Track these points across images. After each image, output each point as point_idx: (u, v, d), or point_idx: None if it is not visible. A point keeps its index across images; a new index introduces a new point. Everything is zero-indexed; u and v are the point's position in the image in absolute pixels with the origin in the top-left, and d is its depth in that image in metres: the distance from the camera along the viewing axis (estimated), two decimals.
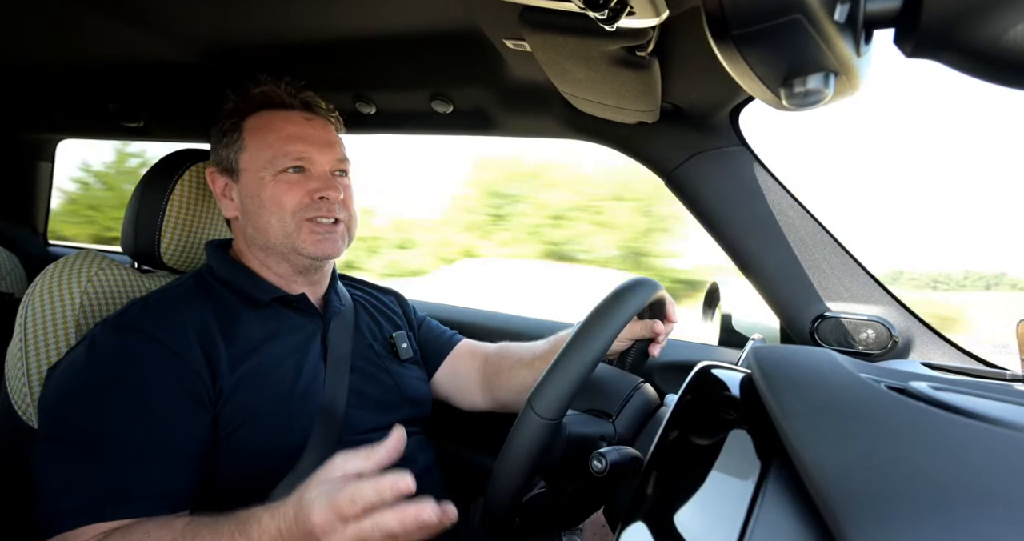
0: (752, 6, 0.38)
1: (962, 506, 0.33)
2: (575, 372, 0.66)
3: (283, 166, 0.92)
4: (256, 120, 0.95)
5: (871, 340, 1.01)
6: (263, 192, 0.92)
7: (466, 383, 1.16)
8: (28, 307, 0.93)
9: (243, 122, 0.96)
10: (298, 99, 0.98)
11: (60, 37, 1.22)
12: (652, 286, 0.80)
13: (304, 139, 0.94)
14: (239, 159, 0.95)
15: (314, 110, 0.99)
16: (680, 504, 0.46)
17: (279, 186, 0.92)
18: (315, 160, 0.94)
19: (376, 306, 1.13)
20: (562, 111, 1.12)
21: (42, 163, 2.17)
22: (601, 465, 0.66)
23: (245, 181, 0.94)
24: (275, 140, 0.93)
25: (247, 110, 0.96)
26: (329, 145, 0.97)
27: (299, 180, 0.93)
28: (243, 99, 0.97)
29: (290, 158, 0.92)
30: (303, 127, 0.95)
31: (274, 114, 0.96)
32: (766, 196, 1.04)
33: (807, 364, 0.54)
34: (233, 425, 0.81)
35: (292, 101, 0.97)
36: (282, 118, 0.95)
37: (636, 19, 0.61)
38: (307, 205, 0.92)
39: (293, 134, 0.94)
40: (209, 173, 0.99)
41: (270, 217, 0.92)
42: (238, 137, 0.95)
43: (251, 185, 0.93)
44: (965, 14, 0.35)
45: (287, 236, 0.92)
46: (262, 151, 0.93)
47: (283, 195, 0.91)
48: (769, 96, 0.45)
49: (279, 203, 0.91)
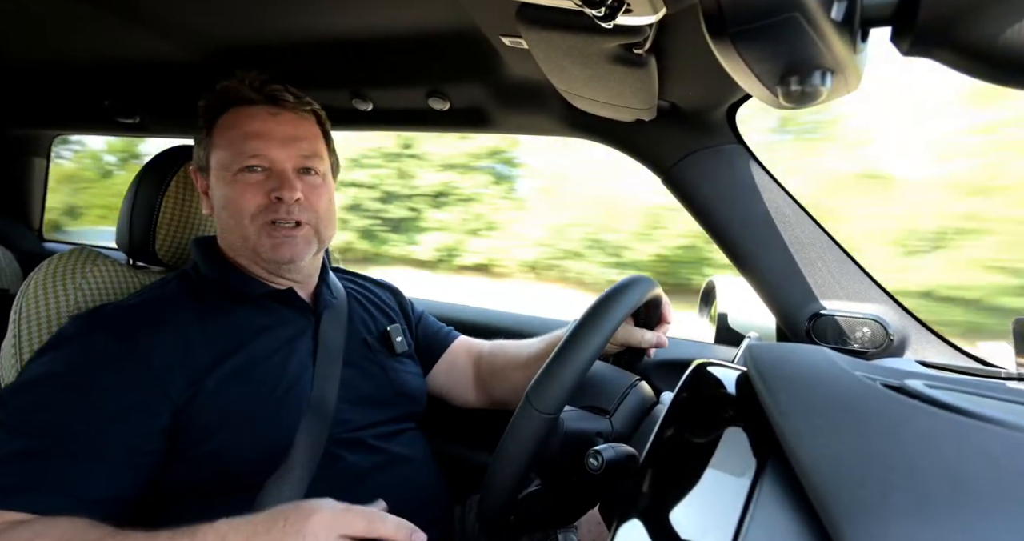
0: (749, 4, 0.38)
1: (956, 503, 0.33)
2: (573, 367, 0.66)
3: (240, 165, 0.89)
4: (225, 118, 0.93)
5: (867, 338, 1.01)
6: (225, 193, 0.90)
7: (461, 380, 1.16)
8: (22, 303, 0.92)
9: (215, 120, 0.94)
10: (263, 93, 0.93)
11: (55, 33, 1.22)
12: (648, 284, 0.80)
13: (262, 135, 0.90)
14: (210, 157, 0.93)
15: (280, 104, 0.94)
16: (676, 502, 0.46)
17: (236, 187, 0.89)
18: (273, 157, 0.90)
19: (371, 299, 1.12)
20: (559, 108, 1.12)
21: (37, 159, 2.16)
22: (597, 462, 0.66)
23: (214, 180, 0.93)
24: (235, 138, 0.90)
25: (219, 109, 0.94)
26: (292, 140, 0.91)
27: (259, 180, 0.89)
28: (213, 97, 0.94)
29: (245, 157, 0.89)
30: (266, 123, 0.91)
31: (240, 111, 0.92)
32: (763, 194, 1.04)
33: (803, 362, 0.54)
34: (214, 424, 0.79)
35: (256, 96, 0.93)
36: (247, 115, 0.92)
37: (633, 16, 0.61)
38: (266, 207, 0.88)
39: (252, 131, 0.90)
40: (191, 172, 0.99)
41: (229, 219, 0.90)
42: (209, 137, 0.93)
43: (217, 185, 0.92)
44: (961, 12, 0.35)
45: (245, 239, 0.90)
46: (224, 150, 0.91)
47: (240, 197, 0.89)
48: (766, 94, 0.45)
49: (237, 205, 0.89)
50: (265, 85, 0.94)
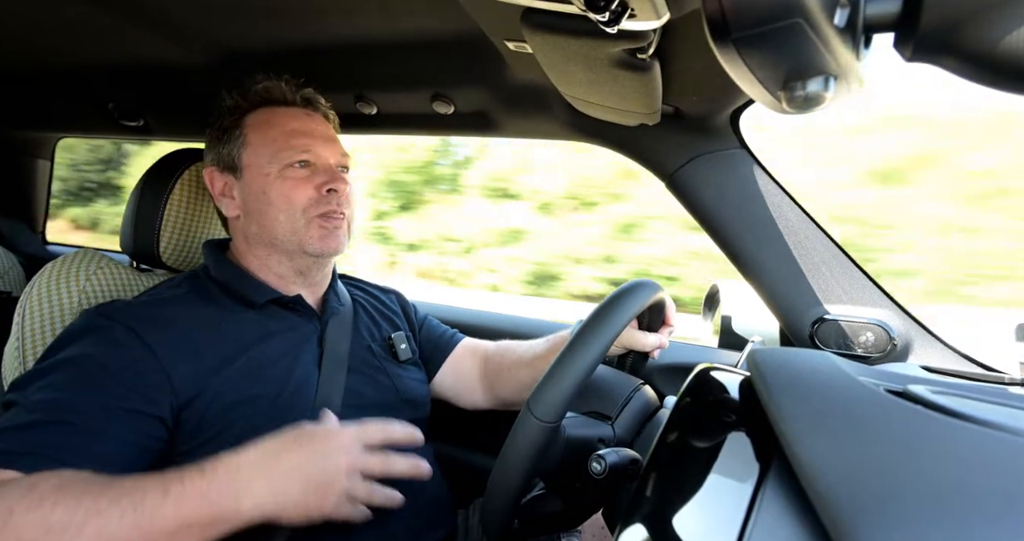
0: (752, 9, 0.38)
1: (960, 509, 0.33)
2: (574, 375, 0.65)
3: (289, 161, 0.92)
4: (258, 116, 0.95)
5: (870, 343, 1.01)
6: (270, 188, 0.92)
7: (467, 382, 1.16)
8: (26, 306, 0.93)
9: (244, 119, 0.95)
10: (299, 95, 0.98)
11: (59, 36, 1.22)
12: (652, 288, 0.79)
13: (308, 134, 0.94)
14: (241, 155, 0.94)
15: (315, 106, 1.00)
16: (679, 506, 0.46)
17: (286, 182, 0.91)
18: (320, 154, 0.94)
19: (376, 307, 1.12)
20: (563, 113, 1.13)
21: (40, 161, 2.17)
22: (600, 467, 0.66)
23: (249, 178, 0.94)
24: (279, 135, 0.93)
25: (248, 107, 0.96)
26: (331, 140, 0.97)
27: (305, 175, 0.93)
28: (243, 96, 0.96)
29: (296, 152, 0.92)
30: (305, 122, 0.96)
31: (275, 110, 0.96)
32: (766, 199, 1.04)
33: (806, 367, 0.54)
34: (217, 427, 0.80)
35: (293, 97, 0.98)
36: (284, 114, 0.96)
37: (637, 21, 0.61)
38: (317, 200, 0.92)
39: (297, 129, 0.94)
40: (207, 173, 0.98)
41: (278, 213, 0.92)
42: (239, 134, 0.95)
43: (256, 182, 0.93)
44: (964, 19, 0.36)
45: (295, 232, 0.92)
46: (265, 147, 0.93)
47: (292, 191, 0.91)
48: (769, 99, 0.45)
49: (288, 199, 0.91)
50: (301, 87, 0.99)
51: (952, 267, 3.13)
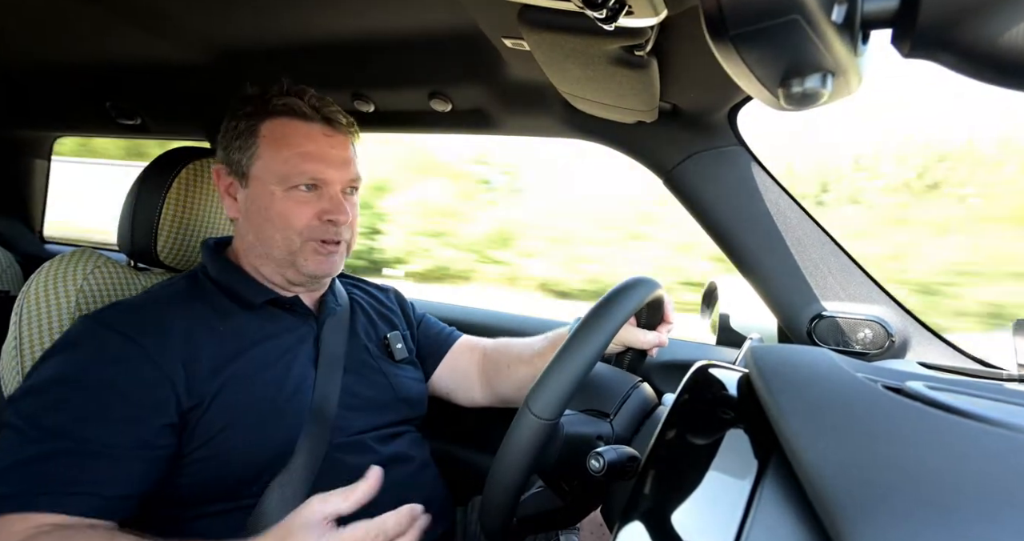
0: (750, 6, 0.38)
1: (958, 506, 0.33)
2: (572, 372, 0.65)
3: (296, 183, 0.90)
4: (274, 127, 0.92)
5: (868, 340, 1.01)
6: (272, 206, 0.90)
7: (466, 379, 1.16)
8: (23, 305, 0.93)
9: (260, 126, 0.92)
10: (321, 113, 0.94)
11: (56, 34, 1.22)
12: (651, 285, 0.79)
13: (322, 159, 0.91)
14: (251, 165, 0.92)
15: (335, 126, 0.95)
16: (677, 503, 0.46)
17: (288, 203, 0.90)
18: (329, 180, 0.92)
19: (374, 306, 1.13)
20: (561, 110, 1.13)
21: (38, 160, 2.16)
22: (599, 464, 0.66)
23: (254, 190, 0.92)
24: (291, 156, 0.90)
25: (263, 115, 0.93)
26: (345, 163, 0.94)
27: (310, 199, 0.91)
28: (258, 101, 0.93)
29: (305, 177, 0.90)
30: (321, 145, 0.92)
31: (294, 125, 0.92)
32: (764, 196, 1.04)
33: (804, 364, 0.54)
34: (216, 428, 0.80)
35: (314, 115, 0.93)
36: (302, 133, 0.92)
37: (635, 18, 0.61)
38: (315, 226, 0.91)
39: (311, 152, 0.91)
40: (215, 170, 0.97)
41: (275, 232, 0.91)
42: (253, 143, 0.92)
43: (260, 196, 0.91)
44: (962, 15, 0.35)
45: (290, 252, 0.91)
46: (277, 165, 0.90)
47: (292, 213, 0.90)
48: (767, 96, 0.45)
49: (287, 220, 0.90)
50: (322, 104, 0.94)
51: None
